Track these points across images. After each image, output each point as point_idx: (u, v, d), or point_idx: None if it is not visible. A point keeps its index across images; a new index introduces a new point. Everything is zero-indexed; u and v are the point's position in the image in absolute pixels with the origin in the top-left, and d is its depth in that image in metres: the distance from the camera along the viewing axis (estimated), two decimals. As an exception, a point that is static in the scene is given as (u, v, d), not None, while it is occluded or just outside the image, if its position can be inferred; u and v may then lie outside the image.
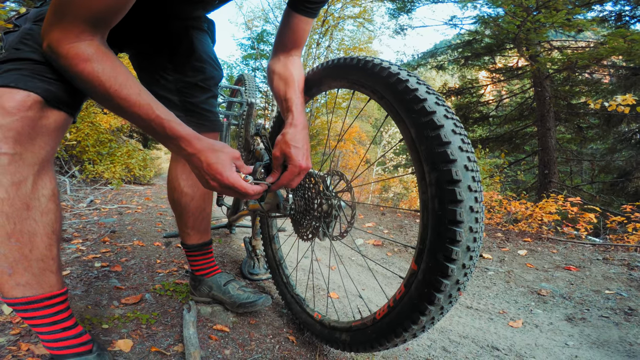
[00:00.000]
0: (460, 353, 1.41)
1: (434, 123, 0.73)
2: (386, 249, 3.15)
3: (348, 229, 1.04)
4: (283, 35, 1.14)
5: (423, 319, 0.78)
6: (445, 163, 0.71)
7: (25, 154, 0.81)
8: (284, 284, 1.48)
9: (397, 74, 0.81)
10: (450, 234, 0.70)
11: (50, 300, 0.91)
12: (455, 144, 0.72)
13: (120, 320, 1.29)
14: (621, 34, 5.43)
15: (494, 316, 1.84)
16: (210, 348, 1.20)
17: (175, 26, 1.24)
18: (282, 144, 1.02)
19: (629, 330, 1.70)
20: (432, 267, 0.74)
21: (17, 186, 0.81)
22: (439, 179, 0.72)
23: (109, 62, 0.76)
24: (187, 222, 1.43)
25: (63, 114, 0.88)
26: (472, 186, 0.72)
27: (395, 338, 0.85)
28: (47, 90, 0.82)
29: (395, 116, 0.82)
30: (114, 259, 1.97)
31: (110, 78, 0.75)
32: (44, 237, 0.87)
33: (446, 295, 0.74)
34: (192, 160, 0.86)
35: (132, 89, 0.77)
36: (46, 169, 0.88)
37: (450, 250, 0.71)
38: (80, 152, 5.88)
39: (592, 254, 2.92)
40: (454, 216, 0.70)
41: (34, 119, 0.81)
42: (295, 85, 1.11)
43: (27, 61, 0.82)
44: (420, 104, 0.75)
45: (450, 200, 0.70)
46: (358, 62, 0.92)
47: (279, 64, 1.15)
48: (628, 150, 8.43)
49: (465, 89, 9.67)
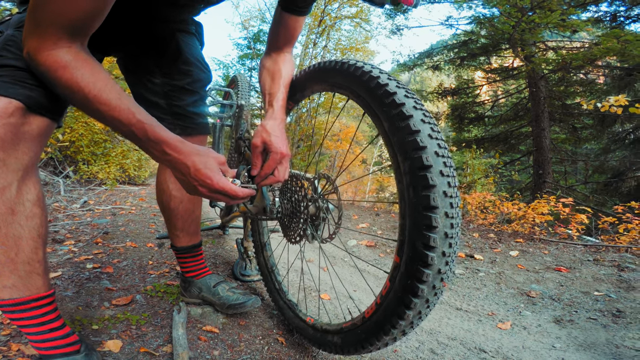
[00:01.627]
0: (448, 355, 1.43)
1: (403, 114, 0.77)
2: (379, 250, 3.17)
3: (336, 230, 1.05)
4: (275, 33, 1.18)
5: (409, 314, 0.78)
6: (416, 150, 0.74)
7: (9, 160, 0.81)
8: (276, 291, 1.49)
9: (370, 72, 0.86)
10: (427, 220, 0.72)
11: (37, 302, 0.93)
12: (424, 132, 0.75)
13: (110, 321, 1.30)
14: (615, 35, 5.47)
15: (483, 318, 1.86)
16: (199, 349, 1.21)
17: (160, 29, 1.25)
18: (263, 132, 1.06)
19: (616, 333, 1.71)
20: (412, 257, 0.75)
21: (2, 192, 0.81)
22: (411, 166, 0.74)
23: (88, 68, 0.76)
24: (177, 225, 1.43)
25: (46, 120, 0.88)
26: (444, 171, 0.74)
27: (385, 336, 0.85)
28: (28, 96, 0.82)
29: (370, 112, 0.87)
30: (106, 261, 1.97)
31: (89, 83, 0.75)
32: (29, 240, 0.88)
33: (429, 286, 0.75)
34: (178, 166, 0.84)
35: (111, 93, 0.77)
36: (30, 174, 0.88)
37: (427, 237, 0.72)
38: (75, 153, 5.85)
39: (583, 255, 2.95)
40: (428, 201, 0.72)
41: (16, 126, 0.81)
42: (281, 81, 1.15)
43: (9, 68, 0.82)
44: (390, 97, 0.79)
45: (423, 186, 0.72)
46: (335, 65, 0.97)
47: (269, 60, 1.20)
48: (622, 151, 8.50)
49: (461, 89, 9.71)
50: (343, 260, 2.72)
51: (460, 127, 9.81)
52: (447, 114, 9.92)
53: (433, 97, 9.83)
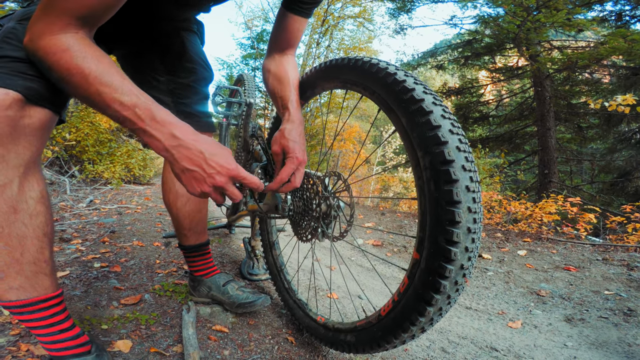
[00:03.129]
0: (459, 354, 1.41)
1: (423, 109, 0.76)
2: (386, 249, 3.15)
3: (348, 228, 1.04)
4: (277, 35, 1.16)
5: (430, 310, 0.76)
6: (438, 145, 0.73)
7: (8, 156, 0.77)
8: (285, 290, 1.48)
9: (386, 69, 0.85)
10: (449, 215, 0.71)
11: (46, 302, 0.91)
12: (445, 127, 0.75)
13: (119, 321, 1.29)
14: (621, 34, 5.43)
15: (493, 317, 1.84)
16: (209, 349, 1.20)
17: (165, 27, 1.24)
18: (281, 139, 1.04)
19: (627, 331, 1.69)
20: (434, 253, 0.73)
21: (2, 189, 0.78)
22: (432, 161, 0.73)
23: (91, 52, 0.72)
24: (184, 224, 1.42)
25: (47, 112, 0.83)
26: (466, 166, 0.73)
27: (403, 334, 0.83)
28: (27, 87, 0.78)
29: (387, 109, 0.86)
30: (113, 260, 1.97)
31: (91, 65, 0.71)
32: (34, 240, 0.85)
33: (452, 282, 0.73)
34: (190, 153, 0.77)
35: (114, 76, 0.73)
36: (33, 170, 0.84)
37: (451, 233, 0.71)
38: (80, 152, 5.88)
39: (592, 255, 2.92)
40: (451, 196, 0.70)
41: (15, 119, 0.77)
42: (290, 83, 1.13)
43: (7, 59, 0.79)
44: (408, 93, 0.78)
45: (445, 181, 0.71)
46: (349, 62, 0.96)
47: (273, 63, 1.18)
48: (628, 150, 8.43)
49: (466, 89, 9.67)
50: (351, 260, 2.71)
51: (464, 127, 9.77)
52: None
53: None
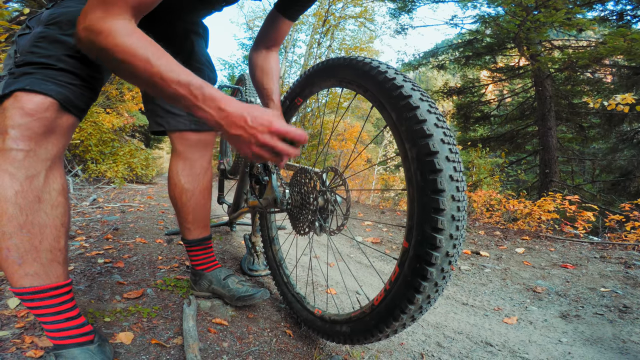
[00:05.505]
0: (454, 348, 1.44)
1: (410, 105, 0.81)
2: (384, 247, 3.18)
3: (344, 222, 1.07)
4: (267, 32, 1.32)
5: (419, 297, 0.80)
6: (423, 138, 0.78)
7: (39, 151, 0.87)
8: (284, 284, 1.51)
9: (377, 68, 0.90)
10: (434, 204, 0.75)
11: (57, 290, 0.95)
12: (431, 121, 0.79)
13: (122, 314, 1.33)
14: (621, 34, 5.43)
15: (489, 313, 1.86)
16: (208, 341, 1.23)
17: (179, 29, 1.33)
18: None
19: (622, 328, 1.72)
20: (421, 241, 0.77)
21: (31, 180, 0.87)
22: (418, 152, 0.78)
23: (144, 37, 0.77)
24: (187, 218, 1.46)
25: (73, 117, 0.95)
26: (450, 157, 0.77)
27: (394, 322, 0.86)
28: (61, 93, 0.89)
29: (379, 105, 0.91)
30: (116, 256, 2.01)
31: (152, 49, 0.76)
32: (53, 229, 0.92)
33: (438, 268, 0.77)
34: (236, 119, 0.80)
35: (170, 58, 0.77)
36: (57, 165, 0.94)
37: (435, 220, 0.75)
38: (83, 152, 5.93)
39: (590, 252, 2.94)
40: (435, 185, 0.75)
41: (50, 120, 0.88)
42: (274, 78, 1.31)
43: (40, 65, 0.88)
44: (398, 90, 0.84)
45: (430, 171, 0.76)
46: (344, 61, 1.02)
47: (260, 57, 1.34)
48: (630, 150, 8.42)
49: (467, 89, 9.68)
50: (349, 256, 2.74)
51: (465, 127, 9.79)
52: (453, 113, 9.90)
53: (438, 96, 9.81)
